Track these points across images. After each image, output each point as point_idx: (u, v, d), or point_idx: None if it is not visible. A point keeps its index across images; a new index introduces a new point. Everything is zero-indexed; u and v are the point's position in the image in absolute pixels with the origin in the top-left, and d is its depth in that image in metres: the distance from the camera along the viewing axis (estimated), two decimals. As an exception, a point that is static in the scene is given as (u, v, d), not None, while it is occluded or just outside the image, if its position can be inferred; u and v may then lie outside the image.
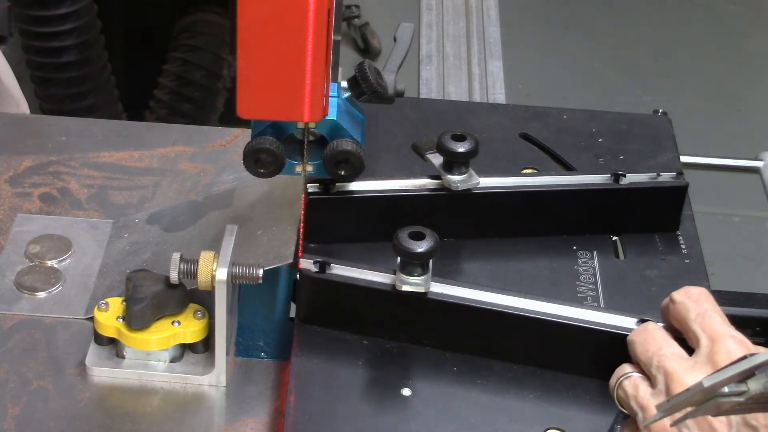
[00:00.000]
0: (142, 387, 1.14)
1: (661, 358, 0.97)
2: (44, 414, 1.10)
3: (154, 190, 1.36)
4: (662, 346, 0.98)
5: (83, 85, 1.97)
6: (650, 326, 1.02)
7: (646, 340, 1.00)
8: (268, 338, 1.17)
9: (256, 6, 0.97)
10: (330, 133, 1.11)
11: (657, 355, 0.97)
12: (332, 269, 1.12)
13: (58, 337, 1.18)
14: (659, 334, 1.00)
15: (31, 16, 1.89)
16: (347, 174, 1.12)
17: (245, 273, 1.10)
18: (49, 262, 1.25)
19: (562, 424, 1.06)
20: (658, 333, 1.00)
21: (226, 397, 1.13)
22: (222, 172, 1.38)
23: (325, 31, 1.00)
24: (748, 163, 1.81)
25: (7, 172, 1.37)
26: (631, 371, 0.99)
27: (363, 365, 1.11)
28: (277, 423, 1.11)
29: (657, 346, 0.98)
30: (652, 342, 0.99)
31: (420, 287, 1.09)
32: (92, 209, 1.33)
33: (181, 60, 2.18)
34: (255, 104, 1.03)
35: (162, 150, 1.42)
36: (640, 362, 0.99)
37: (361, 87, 1.14)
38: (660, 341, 0.99)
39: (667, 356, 0.96)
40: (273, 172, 1.11)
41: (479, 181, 1.18)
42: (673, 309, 1.00)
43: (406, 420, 1.07)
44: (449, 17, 2.28)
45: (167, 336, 1.12)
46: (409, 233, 1.07)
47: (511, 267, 1.20)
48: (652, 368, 0.97)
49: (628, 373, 0.99)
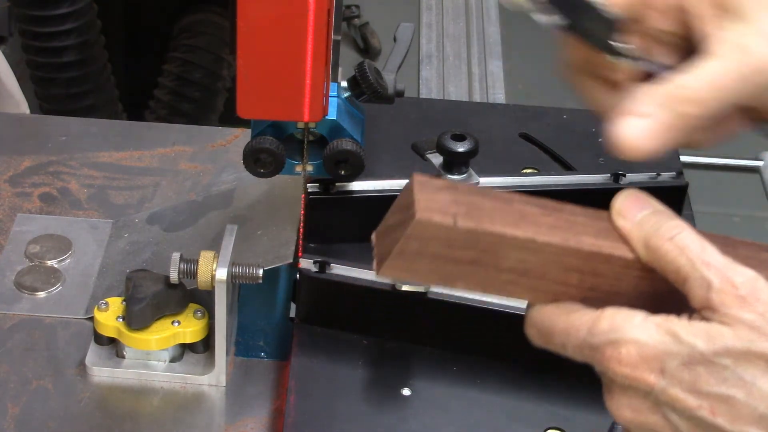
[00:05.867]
0: (142, 387, 1.14)
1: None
2: (44, 414, 1.10)
3: (154, 190, 1.36)
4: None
5: (83, 85, 1.96)
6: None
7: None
8: (268, 338, 1.17)
9: (256, 6, 0.97)
10: (330, 133, 1.11)
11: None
12: (332, 269, 1.12)
13: (58, 337, 1.18)
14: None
15: (31, 16, 1.88)
16: (347, 174, 1.12)
17: (245, 273, 1.10)
18: (49, 262, 1.25)
19: (562, 424, 1.06)
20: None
21: (226, 397, 1.13)
22: (222, 172, 1.38)
23: (325, 31, 1.00)
24: (748, 163, 1.81)
25: (7, 172, 1.37)
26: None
27: (363, 365, 1.11)
28: (277, 423, 1.11)
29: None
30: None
31: (420, 287, 1.09)
32: (92, 209, 1.33)
33: (181, 60, 2.18)
34: (255, 104, 1.03)
35: (162, 150, 1.42)
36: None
37: (361, 87, 1.14)
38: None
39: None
40: (273, 172, 1.11)
41: (479, 181, 1.18)
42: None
43: (406, 420, 1.07)
44: (449, 17, 2.28)
45: (167, 336, 1.12)
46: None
47: (511, 267, 1.20)
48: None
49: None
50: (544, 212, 0.76)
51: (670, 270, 0.75)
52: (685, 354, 0.73)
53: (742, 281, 0.73)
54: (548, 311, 0.78)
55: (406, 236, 0.74)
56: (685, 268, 0.74)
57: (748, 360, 0.72)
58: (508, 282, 0.76)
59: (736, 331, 0.72)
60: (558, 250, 0.75)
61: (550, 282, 0.76)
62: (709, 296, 0.73)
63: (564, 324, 0.77)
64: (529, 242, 0.75)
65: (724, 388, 0.73)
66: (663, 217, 0.76)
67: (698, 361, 0.73)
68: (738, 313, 0.72)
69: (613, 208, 0.77)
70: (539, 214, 0.76)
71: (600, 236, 0.76)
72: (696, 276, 0.73)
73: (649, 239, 0.75)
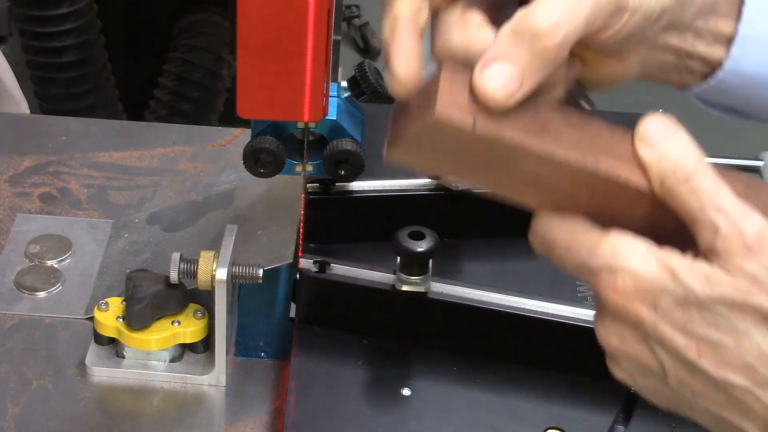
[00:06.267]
0: (142, 387, 1.13)
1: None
2: (44, 414, 1.10)
3: (154, 190, 1.36)
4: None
5: (83, 85, 1.96)
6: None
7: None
8: (268, 338, 1.17)
9: (256, 6, 0.97)
10: (330, 133, 1.11)
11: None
12: (332, 269, 1.12)
13: (58, 337, 1.18)
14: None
15: (31, 16, 1.88)
16: (347, 174, 1.12)
17: (245, 273, 1.10)
18: (49, 262, 1.25)
19: (562, 424, 1.06)
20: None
21: (226, 397, 1.13)
22: (222, 172, 1.38)
23: (325, 31, 1.00)
24: (748, 163, 1.81)
25: (7, 172, 1.37)
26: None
27: (363, 365, 1.11)
28: (277, 423, 1.11)
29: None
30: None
31: (420, 287, 1.09)
32: (92, 209, 1.33)
33: (181, 60, 2.18)
34: (255, 104, 1.02)
35: (162, 150, 1.42)
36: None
37: (361, 87, 1.14)
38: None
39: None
40: (273, 172, 1.11)
41: (479, 181, 1.18)
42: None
43: (406, 420, 1.07)
44: (449, 17, 2.27)
45: (167, 336, 1.12)
46: (409, 233, 1.07)
47: (511, 267, 1.20)
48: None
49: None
50: (569, 124, 0.74)
51: (682, 210, 0.73)
52: (681, 294, 0.72)
53: (751, 230, 0.71)
54: (553, 224, 0.76)
55: (421, 126, 0.72)
56: (695, 210, 0.72)
57: (743, 310, 0.71)
58: (519, 187, 0.74)
59: (736, 281, 0.71)
60: (574, 168, 0.73)
61: (560, 194, 0.74)
62: (715, 241, 0.71)
63: (566, 240, 0.75)
64: (546, 156, 0.73)
65: (715, 332, 0.72)
66: (684, 154, 0.73)
67: (692, 303, 0.71)
68: (741, 262, 0.71)
69: (638, 132, 0.74)
70: (563, 125, 0.74)
71: (620, 160, 0.74)
72: (705, 219, 0.72)
73: (665, 177, 0.73)
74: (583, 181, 0.74)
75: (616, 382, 1.07)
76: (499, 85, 0.72)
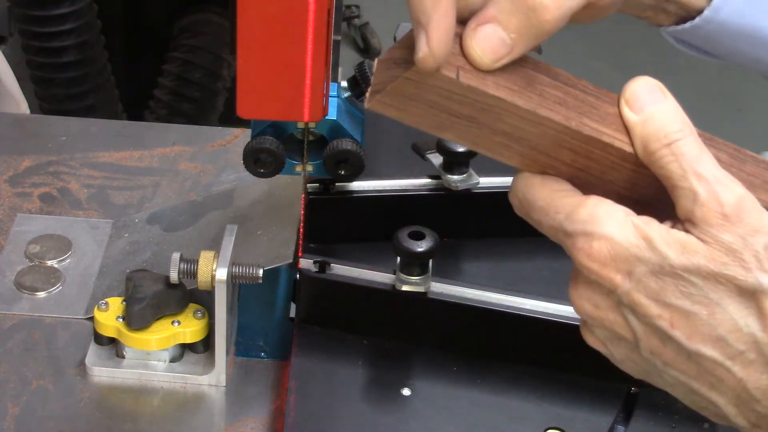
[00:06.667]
0: (142, 387, 1.14)
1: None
2: (44, 414, 1.10)
3: (154, 190, 1.36)
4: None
5: (83, 85, 1.97)
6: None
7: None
8: (268, 338, 1.17)
9: (256, 6, 0.97)
10: (330, 133, 1.11)
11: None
12: (332, 269, 1.12)
13: (58, 337, 1.18)
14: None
15: (31, 16, 1.89)
16: (347, 174, 1.12)
17: (245, 273, 1.10)
18: (49, 262, 1.25)
19: (562, 424, 1.06)
20: None
21: (226, 397, 1.13)
22: (222, 172, 1.38)
23: (325, 31, 1.00)
24: (748, 163, 1.81)
25: (7, 172, 1.37)
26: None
27: (363, 365, 1.11)
28: (277, 423, 1.11)
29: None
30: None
31: (420, 287, 1.09)
32: (92, 209, 1.33)
33: (181, 60, 2.18)
34: (255, 104, 1.02)
35: (162, 150, 1.42)
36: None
37: (361, 87, 1.14)
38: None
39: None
40: (273, 172, 1.11)
41: (479, 181, 1.18)
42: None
43: (406, 420, 1.07)
44: (449, 17, 2.27)
45: (167, 336, 1.12)
46: (409, 233, 1.07)
47: (511, 267, 1.20)
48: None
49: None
50: (555, 84, 0.73)
51: (662, 175, 0.72)
52: (656, 263, 0.71)
53: (730, 199, 0.71)
54: (533, 183, 0.75)
55: (404, 77, 0.71)
56: (676, 176, 0.72)
57: (718, 281, 0.71)
58: (500, 144, 0.74)
59: (712, 252, 0.71)
60: (557, 127, 0.72)
61: (542, 154, 0.74)
62: (693, 209, 0.71)
63: (545, 201, 0.75)
64: (529, 113, 0.72)
65: (688, 303, 0.72)
66: (669, 118, 0.73)
67: (667, 272, 0.71)
68: (718, 232, 0.71)
69: (623, 95, 0.74)
70: (548, 84, 0.73)
71: (604, 122, 0.73)
72: (684, 186, 0.71)
73: (648, 141, 0.73)
74: (566, 142, 0.73)
75: (616, 382, 1.07)
76: (488, 47, 0.71)
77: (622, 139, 0.73)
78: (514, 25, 0.71)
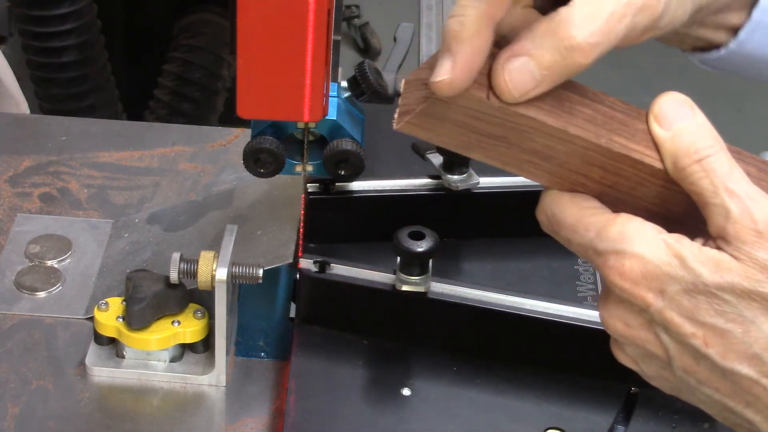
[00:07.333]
0: (142, 387, 1.14)
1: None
2: (44, 414, 1.10)
3: (154, 190, 1.36)
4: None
5: (83, 85, 1.96)
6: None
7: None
8: (268, 338, 1.17)
9: (256, 6, 0.97)
10: (330, 133, 1.11)
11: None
12: (332, 269, 1.12)
13: (58, 337, 1.18)
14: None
15: (31, 16, 1.88)
16: (347, 174, 1.12)
17: (245, 273, 1.10)
18: (49, 262, 1.25)
19: (562, 424, 1.06)
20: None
21: (226, 397, 1.13)
22: (222, 172, 1.38)
23: (325, 31, 1.00)
24: (748, 163, 1.81)
25: (7, 172, 1.37)
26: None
27: (363, 365, 1.11)
28: (277, 423, 1.11)
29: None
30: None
31: (420, 287, 1.09)
32: (92, 209, 1.33)
33: (181, 60, 2.18)
34: (255, 104, 1.02)
35: (162, 150, 1.42)
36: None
37: (361, 87, 1.14)
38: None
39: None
40: (273, 172, 1.11)
41: (479, 181, 1.18)
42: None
43: (406, 420, 1.07)
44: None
45: (167, 336, 1.12)
46: (409, 233, 1.07)
47: (511, 267, 1.20)
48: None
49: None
50: (583, 101, 0.73)
51: (693, 191, 0.72)
52: (689, 281, 0.71)
53: (763, 216, 0.70)
54: (562, 201, 0.75)
55: (433, 98, 0.71)
56: (707, 192, 0.71)
57: (752, 299, 0.70)
58: (528, 162, 0.73)
59: (746, 269, 0.70)
60: (587, 145, 0.72)
61: (571, 171, 0.73)
62: (725, 226, 0.70)
63: (574, 219, 0.74)
64: (559, 132, 0.72)
65: (722, 321, 0.71)
66: (699, 133, 0.72)
67: (700, 290, 0.71)
68: (752, 249, 0.70)
69: (652, 111, 0.74)
70: (577, 101, 0.73)
71: (633, 138, 0.73)
72: (716, 202, 0.71)
73: (678, 157, 0.72)
74: (595, 159, 0.73)
75: (616, 382, 1.07)
76: (519, 81, 0.71)
77: (652, 156, 0.73)
78: (547, 62, 0.71)
